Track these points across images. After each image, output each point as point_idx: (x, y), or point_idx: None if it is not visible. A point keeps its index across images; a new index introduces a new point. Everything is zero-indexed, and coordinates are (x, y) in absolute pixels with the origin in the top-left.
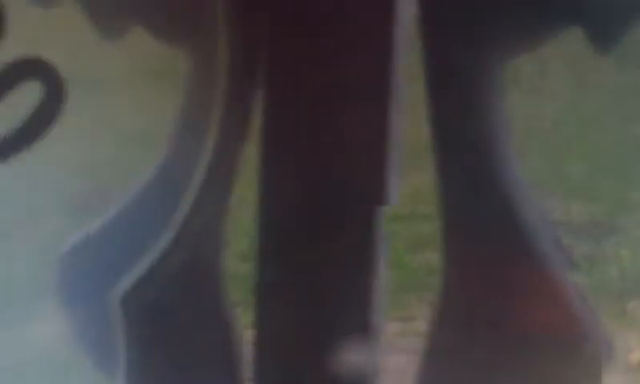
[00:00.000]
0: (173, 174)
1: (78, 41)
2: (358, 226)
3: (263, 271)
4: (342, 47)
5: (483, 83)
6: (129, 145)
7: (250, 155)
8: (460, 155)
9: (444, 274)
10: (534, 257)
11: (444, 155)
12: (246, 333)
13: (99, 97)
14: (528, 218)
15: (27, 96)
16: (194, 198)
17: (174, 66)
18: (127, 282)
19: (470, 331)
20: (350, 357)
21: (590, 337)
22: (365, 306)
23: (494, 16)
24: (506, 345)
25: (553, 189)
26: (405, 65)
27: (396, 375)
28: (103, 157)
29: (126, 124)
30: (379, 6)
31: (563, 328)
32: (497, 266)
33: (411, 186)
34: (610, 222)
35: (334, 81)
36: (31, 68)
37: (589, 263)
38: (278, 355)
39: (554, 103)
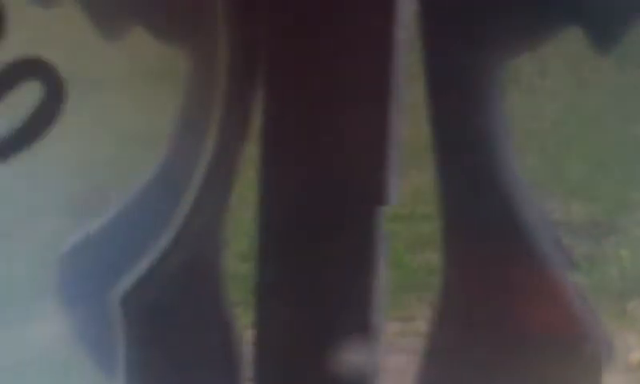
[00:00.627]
0: (173, 174)
1: (78, 41)
2: (358, 226)
3: (263, 271)
4: (342, 47)
5: (483, 83)
6: (129, 145)
7: (250, 155)
8: (460, 155)
9: (444, 274)
10: (534, 257)
11: (444, 155)
12: (246, 333)
13: (99, 97)
14: (528, 217)
15: (27, 96)
16: (194, 198)
17: (174, 66)
18: (127, 282)
19: (470, 331)
20: (350, 357)
21: (590, 337)
22: (365, 306)
23: (493, 16)
24: (505, 345)
25: (553, 189)
26: (405, 65)
27: (396, 375)
28: (103, 157)
29: (126, 124)
30: (379, 6)
31: (563, 328)
32: (497, 266)
33: (411, 186)
34: (609, 222)
35: (334, 81)
36: (31, 68)
37: (589, 263)
38: (278, 355)
39: (554, 103)
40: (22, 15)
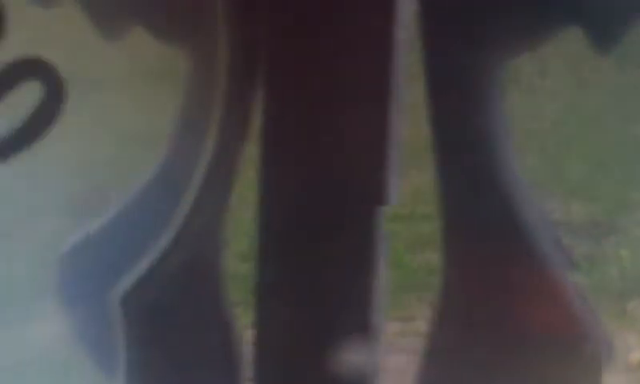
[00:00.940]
0: (173, 174)
1: (78, 41)
2: (358, 225)
3: (263, 271)
4: (342, 47)
5: (483, 83)
6: (129, 145)
7: (250, 155)
8: (460, 155)
9: (444, 274)
10: (534, 257)
11: (444, 155)
12: (246, 333)
13: (99, 97)
14: (528, 217)
15: (27, 96)
16: (194, 198)
17: (174, 66)
18: (127, 282)
19: (470, 331)
20: (350, 357)
21: (590, 337)
22: (365, 306)
23: (494, 16)
24: (506, 345)
25: (553, 189)
26: (405, 65)
27: (396, 375)
28: (103, 157)
29: (126, 124)
30: (379, 6)
31: (563, 328)
32: (497, 266)
33: (411, 186)
34: (609, 222)
35: (334, 81)
36: (31, 68)
37: (589, 263)
38: (278, 355)
39: (554, 103)
40: (22, 15)
